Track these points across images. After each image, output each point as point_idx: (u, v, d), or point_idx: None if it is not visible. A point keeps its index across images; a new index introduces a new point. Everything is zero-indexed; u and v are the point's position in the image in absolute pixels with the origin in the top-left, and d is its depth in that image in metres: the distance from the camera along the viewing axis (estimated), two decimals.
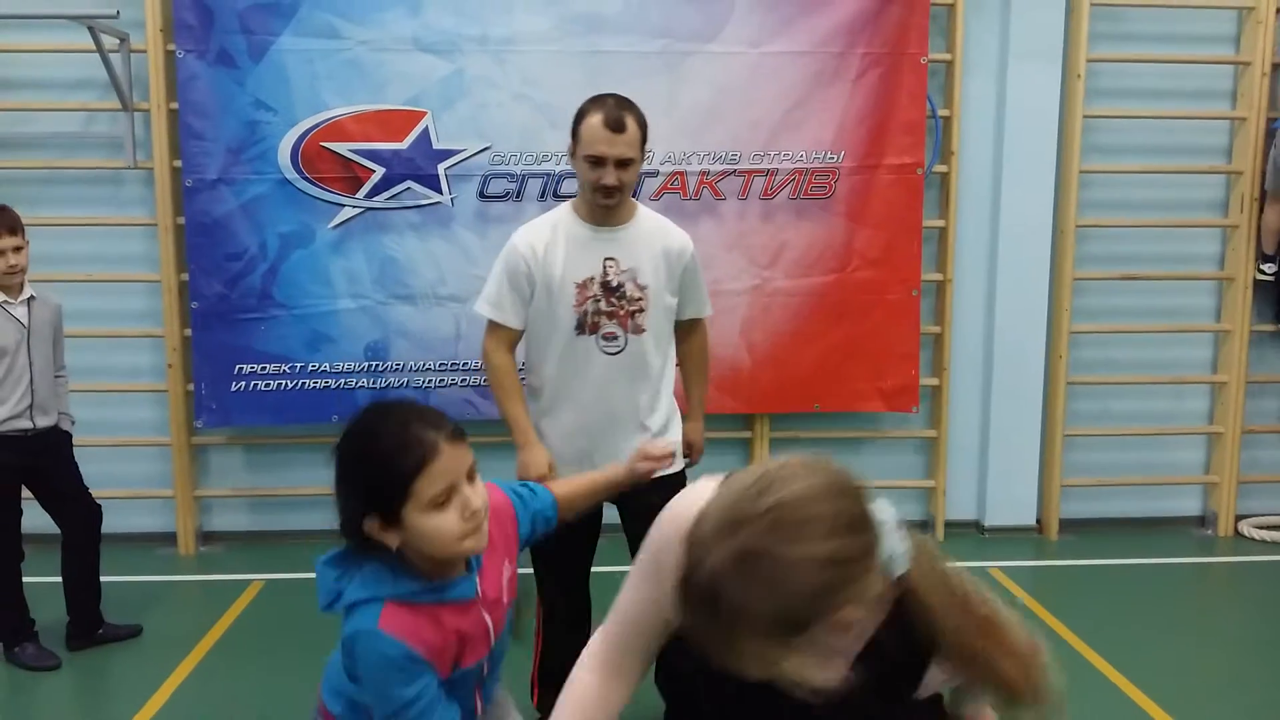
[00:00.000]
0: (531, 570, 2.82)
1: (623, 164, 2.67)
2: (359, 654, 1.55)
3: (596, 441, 2.84)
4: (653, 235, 2.83)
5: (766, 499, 1.17)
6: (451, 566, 1.60)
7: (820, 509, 1.17)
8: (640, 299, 2.79)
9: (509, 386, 2.82)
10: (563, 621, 3.00)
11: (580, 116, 2.73)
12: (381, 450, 1.50)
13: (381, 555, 1.56)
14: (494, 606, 1.68)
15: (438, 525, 1.50)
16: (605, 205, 2.73)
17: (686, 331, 3.00)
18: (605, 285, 2.76)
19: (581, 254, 2.75)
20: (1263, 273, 4.92)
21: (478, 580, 1.63)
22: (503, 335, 2.83)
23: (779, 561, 1.13)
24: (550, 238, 2.76)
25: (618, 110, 2.67)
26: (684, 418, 3.06)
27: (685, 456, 3.00)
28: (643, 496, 2.16)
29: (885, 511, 1.24)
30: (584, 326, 2.77)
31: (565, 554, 2.86)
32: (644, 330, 2.81)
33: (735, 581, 1.13)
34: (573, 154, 2.76)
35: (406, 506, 1.49)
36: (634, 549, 2.82)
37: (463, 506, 1.51)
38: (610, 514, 2.86)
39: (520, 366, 2.92)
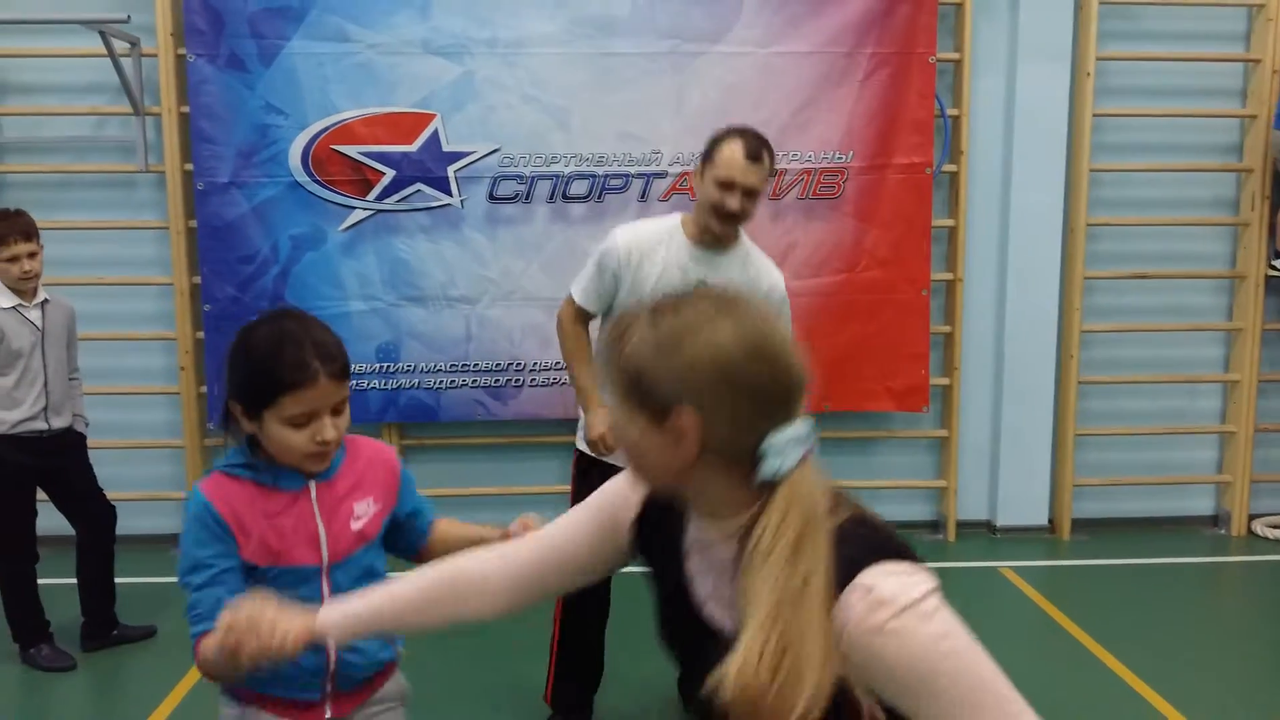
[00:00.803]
0: None
1: (749, 193, 2.76)
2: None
3: None
4: (746, 267, 2.91)
5: (730, 304, 1.16)
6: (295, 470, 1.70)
7: (761, 338, 1.14)
8: None
9: (578, 351, 2.97)
10: (580, 613, 3.05)
11: (717, 141, 2.79)
12: (268, 359, 1.61)
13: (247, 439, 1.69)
14: (334, 516, 1.72)
15: (288, 438, 1.63)
16: (720, 231, 2.81)
17: None
18: None
19: (677, 273, 2.84)
20: (1274, 269, 4.90)
21: (313, 485, 1.70)
22: (579, 312, 2.97)
23: (683, 326, 1.13)
24: (651, 248, 2.85)
25: (757, 143, 2.76)
26: None
27: None
28: None
29: (806, 427, 1.16)
30: None
31: None
32: None
33: (644, 322, 1.15)
34: (700, 174, 2.82)
35: (268, 412, 1.61)
36: None
37: (316, 432, 1.63)
38: None
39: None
